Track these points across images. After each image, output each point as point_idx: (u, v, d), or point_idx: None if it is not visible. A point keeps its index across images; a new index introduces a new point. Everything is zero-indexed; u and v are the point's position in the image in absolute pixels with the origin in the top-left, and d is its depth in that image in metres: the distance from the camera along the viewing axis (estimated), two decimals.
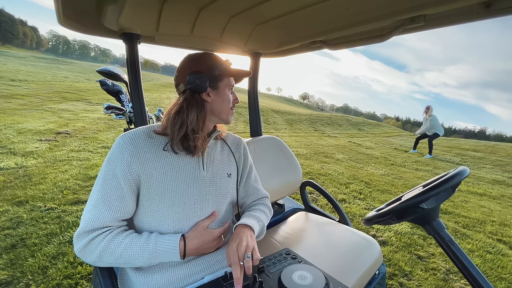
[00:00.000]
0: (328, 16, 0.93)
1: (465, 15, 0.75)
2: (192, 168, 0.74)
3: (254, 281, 0.65)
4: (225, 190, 0.82)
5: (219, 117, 0.79)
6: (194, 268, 0.73)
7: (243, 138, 0.99)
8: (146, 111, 1.26)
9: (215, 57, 0.76)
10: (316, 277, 0.67)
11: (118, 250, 0.64)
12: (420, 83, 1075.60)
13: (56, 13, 0.90)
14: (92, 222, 0.64)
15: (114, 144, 0.69)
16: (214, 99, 0.76)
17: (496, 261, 2.10)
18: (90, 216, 0.64)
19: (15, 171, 2.81)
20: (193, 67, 0.72)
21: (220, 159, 0.83)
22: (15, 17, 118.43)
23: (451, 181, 0.62)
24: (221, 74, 0.75)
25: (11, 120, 5.03)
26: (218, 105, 0.77)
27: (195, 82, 0.70)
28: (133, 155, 0.67)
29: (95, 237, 0.64)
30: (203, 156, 0.77)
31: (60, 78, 14.07)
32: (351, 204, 2.98)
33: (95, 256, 0.64)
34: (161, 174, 0.69)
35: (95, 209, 0.65)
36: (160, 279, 0.69)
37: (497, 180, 5.15)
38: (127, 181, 0.66)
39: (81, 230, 0.64)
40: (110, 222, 0.66)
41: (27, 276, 1.44)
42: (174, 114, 0.71)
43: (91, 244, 0.64)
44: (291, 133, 9.27)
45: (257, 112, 1.59)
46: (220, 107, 0.77)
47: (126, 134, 0.70)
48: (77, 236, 0.64)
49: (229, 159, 0.86)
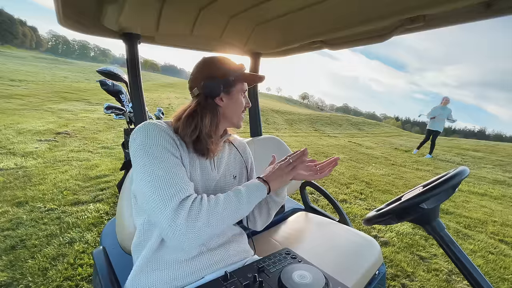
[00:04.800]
0: (328, 16, 0.93)
1: (465, 15, 0.75)
2: (206, 168, 0.77)
3: (254, 281, 0.65)
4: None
5: (230, 121, 0.80)
6: (194, 267, 0.73)
7: (243, 139, 0.99)
8: (146, 111, 1.26)
9: (229, 62, 0.77)
10: (316, 277, 0.67)
11: (219, 207, 0.62)
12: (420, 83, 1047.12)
13: (56, 13, 0.90)
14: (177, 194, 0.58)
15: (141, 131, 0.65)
16: (227, 103, 0.77)
17: (499, 262, 2.10)
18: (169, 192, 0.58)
19: (14, 172, 2.81)
20: (207, 72, 0.74)
21: (228, 161, 0.86)
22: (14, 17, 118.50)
23: (451, 181, 0.61)
24: (235, 80, 0.76)
25: (10, 120, 5.03)
26: (230, 110, 0.78)
27: (209, 88, 0.72)
28: (166, 134, 0.68)
29: (191, 205, 0.59)
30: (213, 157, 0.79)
31: (60, 78, 14.08)
32: (352, 205, 2.98)
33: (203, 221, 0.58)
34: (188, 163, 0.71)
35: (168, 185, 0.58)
36: (161, 278, 0.69)
37: (498, 180, 5.15)
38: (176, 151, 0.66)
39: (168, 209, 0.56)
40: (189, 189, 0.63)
41: (27, 277, 1.43)
42: (187, 117, 0.71)
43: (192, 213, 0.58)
44: (291, 133, 9.27)
45: (257, 112, 1.59)
46: (232, 112, 0.78)
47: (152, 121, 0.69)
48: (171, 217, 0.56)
49: (236, 161, 0.89)
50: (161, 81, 23.96)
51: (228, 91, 0.76)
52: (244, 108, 0.81)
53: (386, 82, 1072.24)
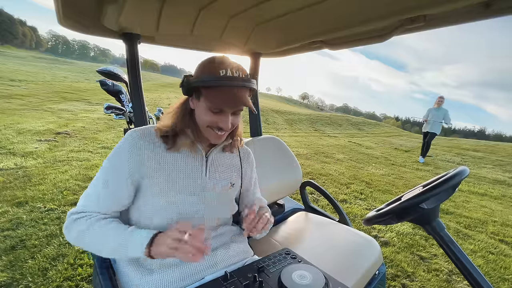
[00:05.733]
0: (328, 16, 0.92)
1: (465, 15, 0.75)
2: (194, 172, 0.75)
3: (254, 281, 0.65)
4: (226, 199, 0.83)
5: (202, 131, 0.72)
6: (194, 268, 0.73)
7: (243, 139, 0.99)
8: (146, 111, 1.26)
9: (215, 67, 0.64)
10: (316, 277, 0.67)
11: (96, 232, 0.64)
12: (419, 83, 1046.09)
13: (56, 13, 0.90)
14: (85, 205, 0.68)
15: (124, 137, 0.71)
16: (196, 110, 0.71)
17: (499, 262, 2.10)
18: (85, 200, 0.68)
19: (14, 172, 2.81)
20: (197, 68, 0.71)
21: (227, 168, 0.83)
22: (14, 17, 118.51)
23: (451, 181, 0.62)
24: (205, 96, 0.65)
25: (10, 120, 5.03)
26: (197, 118, 0.71)
27: (182, 83, 0.70)
28: (139, 151, 0.69)
29: (81, 218, 0.66)
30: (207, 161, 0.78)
31: (60, 78, 14.08)
32: (352, 205, 2.98)
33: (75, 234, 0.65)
34: (163, 172, 0.70)
35: (91, 195, 0.68)
36: (160, 279, 0.69)
37: (498, 180, 5.15)
38: (128, 175, 0.68)
39: (73, 210, 0.68)
40: (102, 209, 0.68)
41: (27, 278, 1.43)
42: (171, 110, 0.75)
43: (76, 222, 0.66)
44: (291, 133, 9.27)
45: (257, 112, 1.59)
46: (198, 121, 0.72)
47: (137, 130, 0.72)
48: (69, 214, 0.68)
49: (236, 170, 0.86)
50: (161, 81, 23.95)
51: (197, 97, 0.69)
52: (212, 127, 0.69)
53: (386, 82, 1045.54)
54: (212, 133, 0.70)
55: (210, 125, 0.69)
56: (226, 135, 0.73)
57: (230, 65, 0.66)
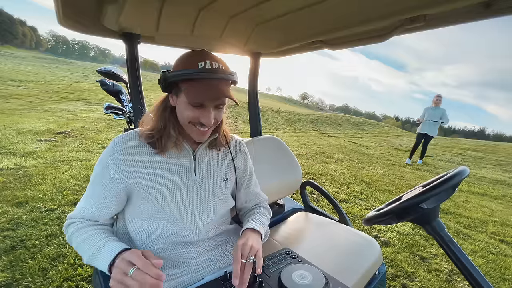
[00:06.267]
0: (328, 16, 0.92)
1: (465, 15, 0.75)
2: (182, 172, 0.73)
3: (254, 281, 0.65)
4: (220, 195, 0.80)
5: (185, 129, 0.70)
6: (194, 268, 0.73)
7: (243, 139, 0.98)
8: (146, 111, 1.26)
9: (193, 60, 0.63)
10: (316, 277, 0.67)
11: (79, 238, 0.66)
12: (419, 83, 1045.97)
13: (56, 13, 0.90)
14: (77, 212, 0.70)
15: (108, 145, 0.70)
16: (177, 107, 0.68)
17: (499, 262, 2.10)
18: (78, 206, 0.71)
19: (14, 172, 2.81)
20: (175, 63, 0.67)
21: (217, 163, 0.80)
22: (14, 17, 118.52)
23: (451, 181, 0.61)
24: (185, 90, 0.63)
25: (10, 120, 5.03)
26: (178, 115, 0.69)
27: (160, 80, 0.67)
28: (123, 160, 0.67)
29: (72, 223, 0.70)
30: (195, 159, 0.75)
31: (60, 78, 14.08)
32: (352, 205, 2.98)
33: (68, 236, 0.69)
34: (150, 179, 0.69)
35: (82, 202, 0.71)
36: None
37: (498, 180, 5.15)
38: (114, 184, 0.67)
39: (70, 214, 0.72)
40: (91, 216, 0.70)
41: (27, 278, 1.43)
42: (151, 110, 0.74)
43: (70, 226, 0.70)
44: (291, 133, 9.27)
45: (257, 112, 1.59)
46: (180, 118, 0.69)
47: (119, 137, 0.70)
48: (67, 217, 0.72)
49: (228, 163, 0.83)
50: None
51: (176, 93, 0.66)
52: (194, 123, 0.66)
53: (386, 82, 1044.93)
54: (194, 129, 0.67)
55: (192, 121, 0.66)
56: (209, 131, 0.70)
57: (209, 57, 0.64)
